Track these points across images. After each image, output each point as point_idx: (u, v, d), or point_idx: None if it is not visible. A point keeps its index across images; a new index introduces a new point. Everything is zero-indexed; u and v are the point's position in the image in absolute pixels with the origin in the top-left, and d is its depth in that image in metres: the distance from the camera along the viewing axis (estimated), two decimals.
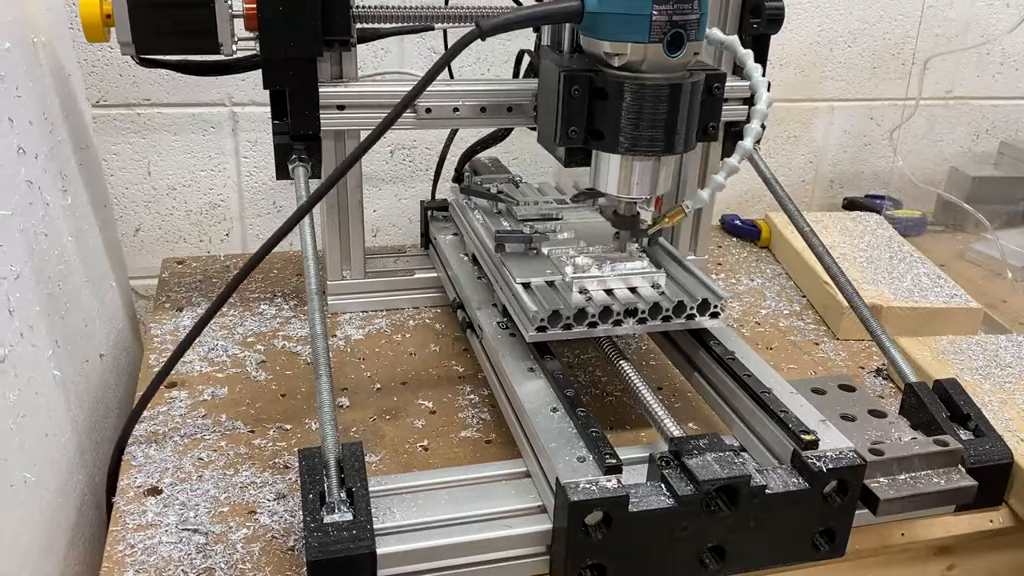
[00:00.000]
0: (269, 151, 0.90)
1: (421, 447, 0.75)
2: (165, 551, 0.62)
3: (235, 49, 0.78)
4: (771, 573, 0.63)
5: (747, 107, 0.90)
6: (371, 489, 0.59)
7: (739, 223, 1.24)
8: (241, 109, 1.14)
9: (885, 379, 0.89)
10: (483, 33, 0.67)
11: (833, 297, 0.97)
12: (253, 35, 0.77)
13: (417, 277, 1.00)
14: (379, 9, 0.82)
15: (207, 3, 0.75)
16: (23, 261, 0.68)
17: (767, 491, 0.59)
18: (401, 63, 1.15)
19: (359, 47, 0.84)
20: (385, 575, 0.56)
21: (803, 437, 0.62)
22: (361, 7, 0.82)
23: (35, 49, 0.80)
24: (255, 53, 0.79)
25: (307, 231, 0.71)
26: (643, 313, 0.72)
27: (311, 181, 0.80)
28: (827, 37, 1.31)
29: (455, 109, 0.86)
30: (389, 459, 0.74)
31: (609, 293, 0.74)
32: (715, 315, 0.74)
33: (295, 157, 0.81)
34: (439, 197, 1.08)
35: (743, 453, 0.66)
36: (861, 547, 0.67)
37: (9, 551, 0.60)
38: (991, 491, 0.66)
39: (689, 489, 0.57)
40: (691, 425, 0.79)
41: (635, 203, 0.76)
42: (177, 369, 0.84)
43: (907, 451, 0.64)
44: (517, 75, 0.97)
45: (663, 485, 0.58)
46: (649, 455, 0.61)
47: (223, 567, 0.61)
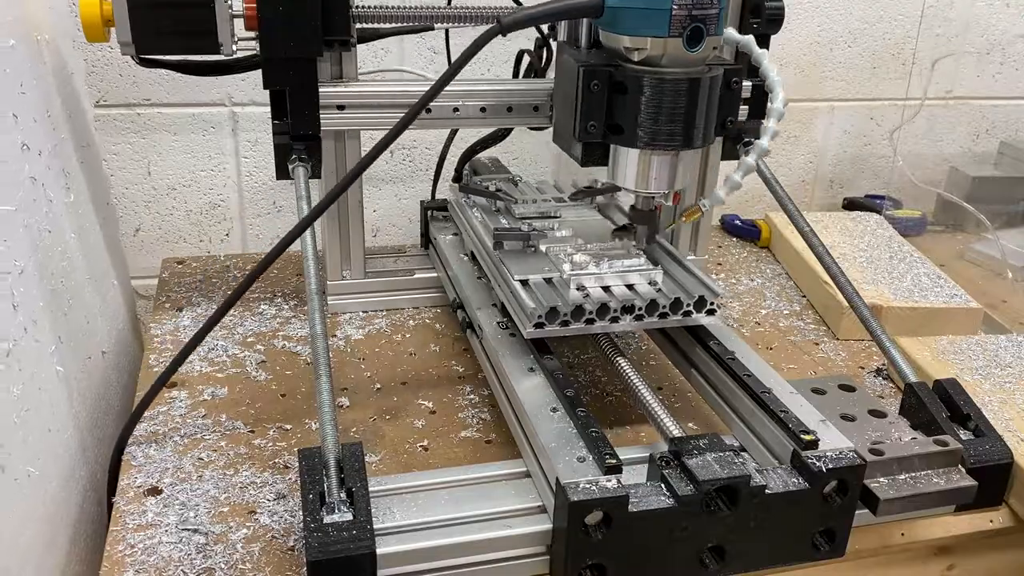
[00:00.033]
0: (269, 151, 0.90)
1: (421, 447, 0.75)
2: (165, 551, 0.62)
3: (235, 49, 0.78)
4: (771, 573, 0.63)
5: (748, 107, 0.91)
6: (371, 489, 0.59)
7: (739, 223, 1.24)
8: (241, 109, 1.14)
9: (885, 379, 0.89)
10: (504, 29, 0.67)
11: (833, 297, 0.97)
12: (253, 35, 0.78)
13: (417, 277, 1.00)
14: (379, 9, 0.82)
15: (207, 3, 0.75)
16: (27, 256, 0.68)
17: (767, 491, 0.59)
18: (401, 63, 1.15)
19: (359, 47, 0.84)
20: (385, 575, 0.57)
21: (803, 437, 0.62)
22: (361, 7, 0.82)
23: (39, 47, 0.80)
24: (255, 53, 0.79)
25: (307, 231, 0.71)
26: (640, 310, 0.72)
27: (312, 181, 0.80)
28: (827, 37, 1.31)
29: (455, 109, 0.86)
30: (389, 459, 0.74)
31: (606, 290, 0.74)
32: (711, 312, 0.74)
33: (295, 157, 0.81)
34: (439, 197, 1.08)
35: (743, 453, 0.67)
36: (861, 547, 0.67)
37: (13, 545, 0.60)
38: (991, 491, 0.66)
39: (689, 489, 0.57)
40: (691, 425, 0.79)
41: (653, 198, 0.76)
42: (177, 369, 0.84)
43: (907, 451, 0.64)
44: (517, 75, 0.97)
45: (663, 485, 0.58)
46: (649, 455, 0.61)
47: (223, 567, 0.61)
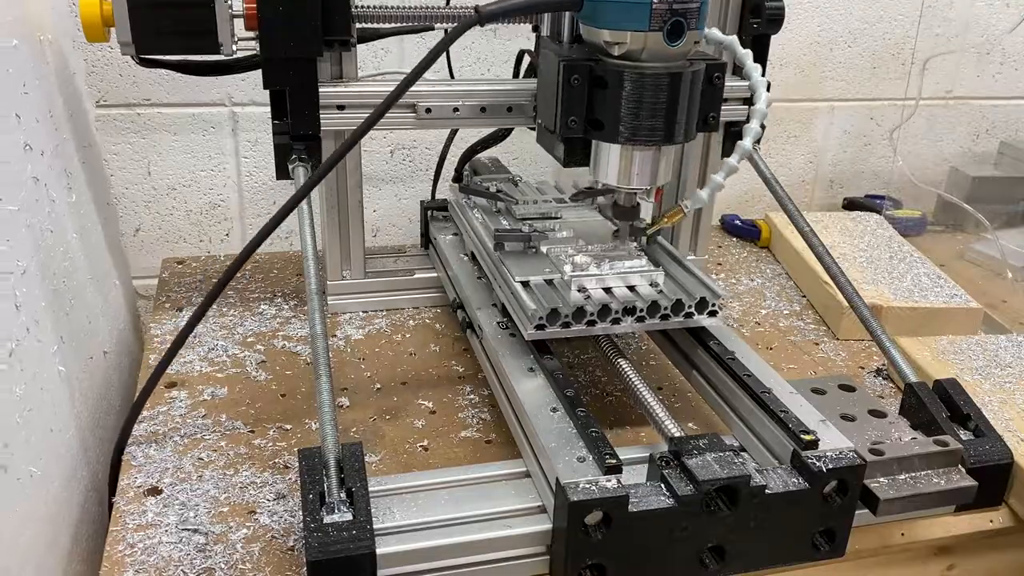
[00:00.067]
0: (269, 151, 0.90)
1: (421, 447, 0.75)
2: (165, 551, 0.62)
3: (235, 49, 0.78)
4: (771, 573, 0.63)
5: (747, 107, 0.90)
6: (371, 489, 0.59)
7: (739, 223, 1.24)
8: (241, 109, 1.14)
9: (885, 379, 0.89)
10: (482, 19, 0.67)
11: (833, 297, 0.97)
12: (253, 35, 0.78)
13: (417, 277, 1.00)
14: (379, 9, 0.82)
15: (207, 3, 0.75)
16: (30, 256, 0.68)
17: (767, 491, 0.59)
18: (401, 63, 1.15)
19: (359, 47, 0.84)
20: (385, 575, 0.57)
21: (803, 437, 0.62)
22: (361, 7, 0.82)
23: (42, 47, 0.80)
24: (255, 53, 0.79)
25: (307, 231, 0.71)
26: (641, 311, 0.72)
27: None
28: (827, 37, 1.31)
29: (455, 109, 0.86)
30: (389, 459, 0.74)
31: (608, 291, 0.74)
32: (713, 313, 0.74)
33: (295, 157, 0.81)
34: (439, 197, 1.08)
35: (743, 453, 0.67)
36: (861, 547, 0.67)
37: (14, 544, 0.60)
38: (991, 491, 0.66)
39: (689, 489, 0.57)
40: (691, 425, 0.79)
41: (635, 194, 0.76)
42: (177, 369, 0.84)
43: (907, 451, 0.64)
44: (517, 75, 0.97)
45: (663, 485, 0.58)
46: (649, 455, 0.61)
47: (223, 567, 0.61)
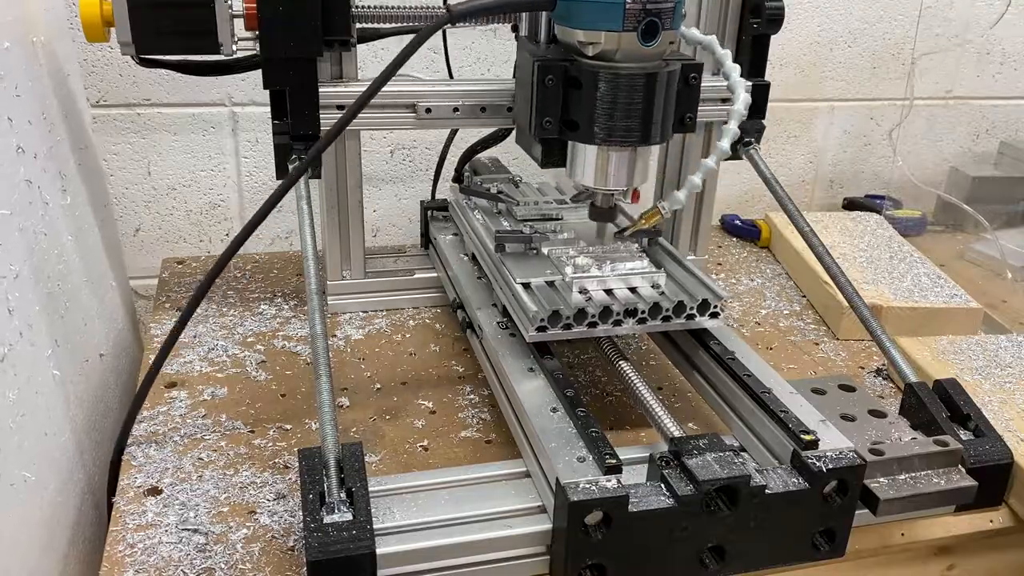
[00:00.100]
0: (269, 151, 0.90)
1: (421, 447, 0.75)
2: (165, 551, 0.62)
3: (235, 49, 0.78)
4: (771, 573, 0.63)
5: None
6: (371, 489, 0.59)
7: (739, 223, 1.24)
8: (241, 109, 1.14)
9: (885, 379, 0.89)
10: (452, 18, 0.67)
11: (833, 297, 0.97)
12: (253, 35, 0.78)
13: (417, 277, 1.00)
14: (379, 9, 0.82)
15: (207, 3, 0.75)
16: (22, 260, 0.68)
17: (767, 491, 0.59)
18: None
19: (359, 47, 0.84)
20: (385, 575, 0.56)
21: (803, 437, 0.62)
22: (361, 7, 0.82)
23: (34, 49, 0.80)
24: (255, 53, 0.79)
25: (307, 231, 0.71)
26: (643, 313, 0.72)
27: (312, 181, 0.80)
28: (827, 37, 1.31)
29: (455, 109, 0.86)
30: (389, 459, 0.74)
31: (609, 293, 0.74)
32: (715, 315, 0.74)
33: (295, 157, 0.81)
34: (439, 197, 1.08)
35: (743, 453, 0.67)
36: (861, 547, 0.67)
37: (9, 550, 0.60)
38: (991, 491, 0.66)
39: (689, 489, 0.57)
40: (691, 425, 0.79)
41: (612, 194, 0.75)
42: (177, 369, 0.84)
43: (907, 451, 0.64)
44: None
45: (663, 485, 0.58)
46: (649, 455, 0.61)
47: (223, 567, 0.61)
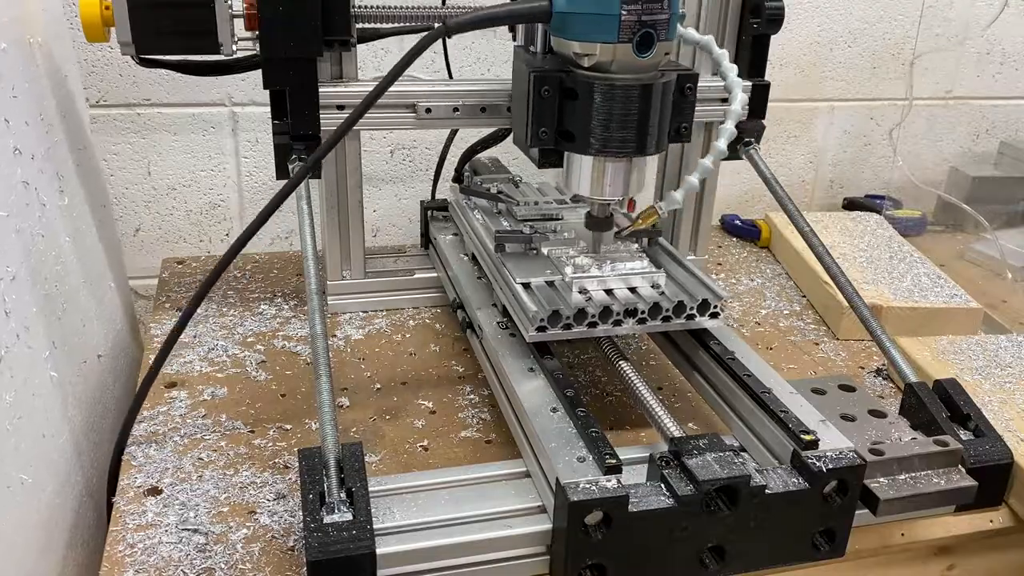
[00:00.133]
0: (269, 151, 0.90)
1: (421, 447, 0.75)
2: (165, 551, 0.62)
3: (235, 49, 0.78)
4: (771, 573, 0.63)
5: (747, 107, 0.91)
6: (371, 489, 0.59)
7: (739, 223, 1.24)
8: (241, 109, 1.14)
9: (885, 379, 0.89)
10: (448, 31, 0.67)
11: (833, 297, 0.97)
12: (253, 35, 0.78)
13: (417, 277, 1.00)
14: (379, 9, 0.82)
15: (207, 3, 0.75)
16: (19, 262, 0.68)
17: (767, 491, 0.59)
18: None
19: (359, 47, 0.84)
20: (385, 575, 0.56)
21: (803, 437, 0.62)
22: (361, 7, 0.82)
23: (32, 50, 0.80)
24: (255, 53, 0.79)
25: (307, 231, 0.71)
26: (643, 313, 0.72)
27: (311, 181, 0.80)
28: (827, 37, 1.31)
29: (455, 109, 0.86)
30: (389, 459, 0.74)
31: (609, 293, 0.74)
32: (715, 315, 0.74)
33: (295, 157, 0.81)
34: (439, 197, 1.08)
35: (743, 453, 0.67)
36: (861, 547, 0.67)
37: (6, 553, 0.60)
38: (991, 491, 0.66)
39: (689, 489, 0.57)
40: (691, 425, 0.79)
41: (608, 204, 0.76)
42: (177, 369, 0.84)
43: (907, 451, 0.64)
44: None
45: (663, 485, 0.58)
46: (649, 455, 0.61)
47: (223, 567, 0.61)
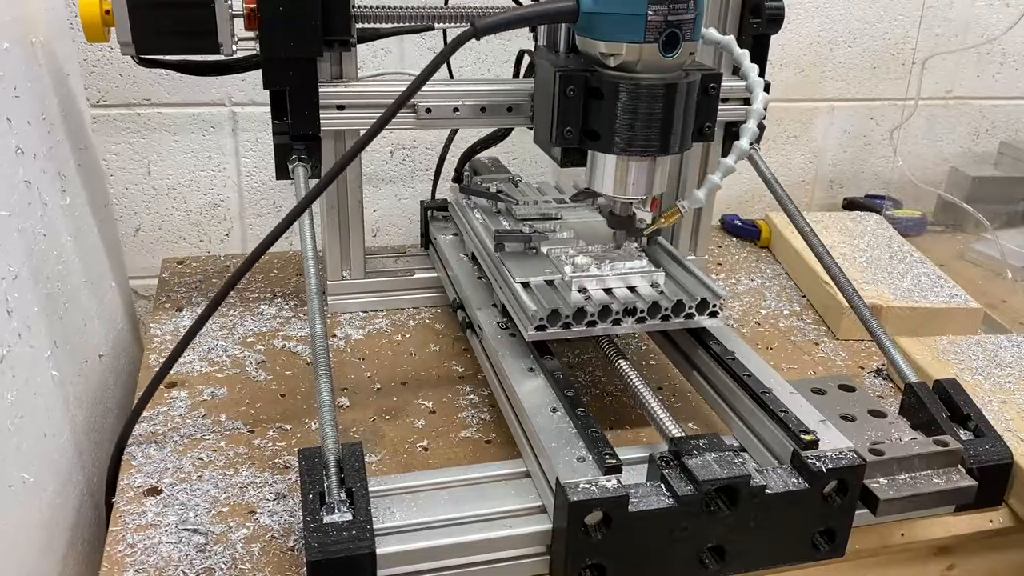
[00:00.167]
0: (269, 151, 0.90)
1: (421, 447, 0.75)
2: (165, 551, 0.62)
3: (235, 49, 0.78)
4: (771, 573, 0.63)
5: (746, 107, 0.90)
6: (371, 489, 0.59)
7: (739, 223, 1.24)
8: (241, 109, 1.14)
9: (885, 379, 0.89)
10: (478, 32, 0.67)
11: (833, 297, 0.97)
12: (253, 35, 0.78)
13: (417, 277, 1.00)
14: (379, 9, 0.82)
15: (207, 3, 0.75)
16: (21, 261, 0.68)
17: (767, 491, 0.59)
18: (401, 63, 1.15)
19: (359, 47, 0.84)
20: (385, 575, 0.56)
21: (803, 437, 0.62)
22: (361, 7, 0.82)
23: (34, 49, 0.80)
24: (255, 53, 0.79)
25: (307, 231, 0.71)
26: (642, 312, 0.72)
27: (311, 181, 0.80)
28: (827, 37, 1.31)
29: (455, 109, 0.86)
30: (389, 459, 0.74)
31: (608, 292, 0.74)
32: (714, 314, 0.74)
33: (295, 157, 0.81)
34: (439, 197, 1.08)
35: (743, 453, 0.67)
36: (861, 547, 0.67)
37: (7, 552, 0.60)
38: (991, 491, 0.66)
39: (689, 489, 0.57)
40: (691, 425, 0.79)
41: (631, 203, 0.76)
42: (177, 369, 0.84)
43: (907, 451, 0.64)
44: (517, 75, 0.97)
45: (663, 485, 0.58)
46: (649, 455, 0.61)
47: (223, 567, 0.61)
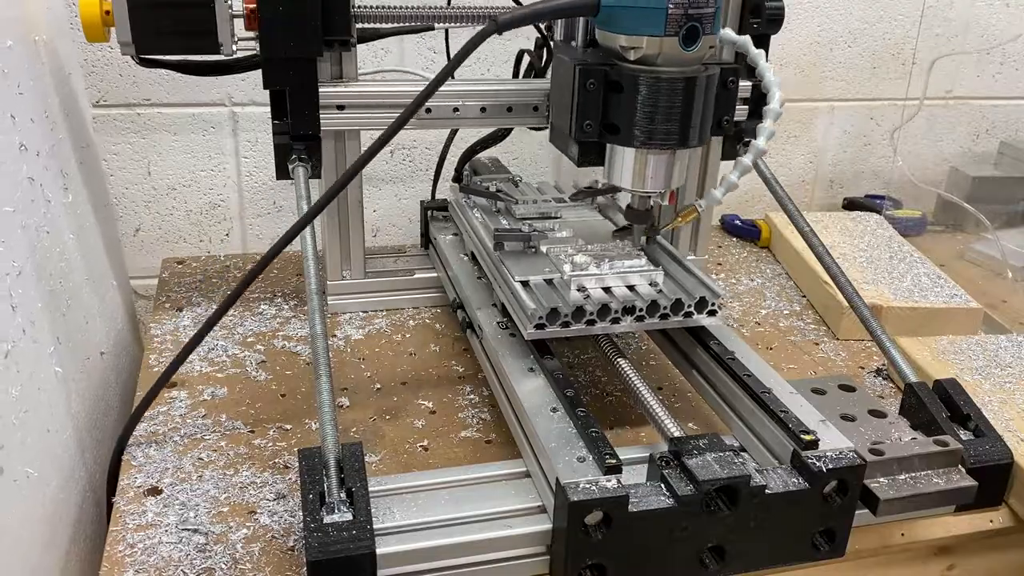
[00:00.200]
0: (269, 151, 0.90)
1: (421, 447, 0.75)
2: (165, 551, 0.62)
3: (235, 49, 0.78)
4: (771, 573, 0.63)
5: (748, 107, 0.90)
6: (371, 489, 0.59)
7: (739, 223, 1.24)
8: (241, 109, 1.14)
9: (885, 379, 0.89)
10: (500, 28, 0.67)
11: (833, 297, 0.97)
12: (253, 35, 0.78)
13: (417, 277, 1.00)
14: (379, 9, 0.82)
15: (207, 3, 0.75)
16: (25, 257, 0.68)
17: (767, 491, 0.59)
18: (401, 63, 1.15)
19: (359, 47, 0.84)
20: (385, 575, 0.57)
21: (803, 437, 0.62)
22: (361, 7, 0.82)
23: (36, 47, 0.80)
24: (255, 53, 0.79)
25: (307, 231, 0.71)
26: (641, 311, 0.72)
27: (312, 181, 0.80)
28: (827, 37, 1.31)
29: (455, 109, 0.86)
30: (389, 459, 0.74)
31: (607, 291, 0.74)
32: (713, 313, 0.74)
33: (295, 157, 0.81)
34: (439, 197, 1.08)
35: (743, 453, 0.67)
36: (861, 547, 0.67)
37: (11, 546, 0.60)
38: (991, 491, 0.66)
39: (689, 489, 0.57)
40: (691, 425, 0.79)
41: (649, 197, 0.76)
42: (177, 369, 0.84)
43: (907, 451, 0.64)
44: (517, 75, 0.97)
45: (663, 485, 0.58)
46: (649, 455, 0.61)
47: (223, 567, 0.61)
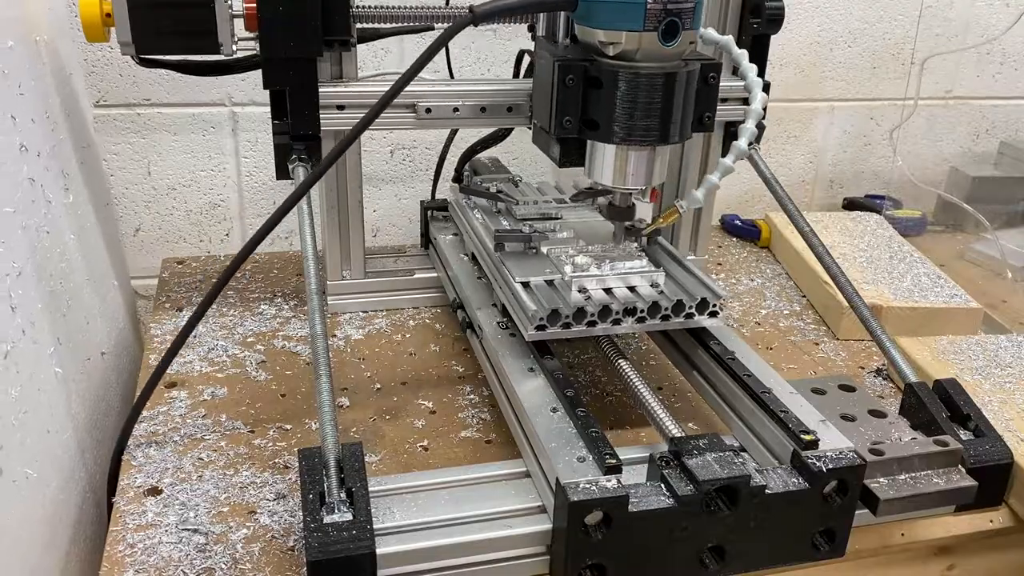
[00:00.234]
0: (269, 151, 0.90)
1: (421, 447, 0.75)
2: (165, 551, 0.62)
3: (235, 49, 0.78)
4: (771, 573, 0.63)
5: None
6: (371, 489, 0.59)
7: (739, 223, 1.24)
8: (241, 109, 1.14)
9: (885, 379, 0.89)
10: (476, 19, 0.67)
11: (833, 297, 0.97)
12: (253, 35, 0.78)
13: (417, 277, 1.00)
14: (379, 9, 0.82)
15: (207, 3, 0.75)
16: (25, 258, 0.68)
17: (767, 491, 0.59)
18: (401, 63, 1.15)
19: (359, 47, 0.84)
20: (385, 575, 0.57)
21: (803, 437, 0.62)
22: (361, 7, 0.82)
23: (37, 48, 0.80)
24: (255, 53, 0.79)
25: (307, 231, 0.71)
26: (642, 312, 0.72)
27: None
28: (827, 37, 1.31)
29: (455, 109, 0.86)
30: (389, 459, 0.74)
31: (608, 292, 0.74)
32: (714, 314, 0.74)
33: (295, 157, 0.81)
34: (439, 197, 1.08)
35: (743, 453, 0.67)
36: (861, 547, 0.67)
37: (10, 547, 0.60)
38: (991, 491, 0.66)
39: (689, 489, 0.57)
40: (691, 425, 0.79)
41: (631, 194, 0.76)
42: (177, 369, 0.84)
43: (907, 451, 0.64)
44: (517, 75, 0.97)
45: (663, 485, 0.58)
46: (649, 455, 0.61)
47: (223, 567, 0.61)
